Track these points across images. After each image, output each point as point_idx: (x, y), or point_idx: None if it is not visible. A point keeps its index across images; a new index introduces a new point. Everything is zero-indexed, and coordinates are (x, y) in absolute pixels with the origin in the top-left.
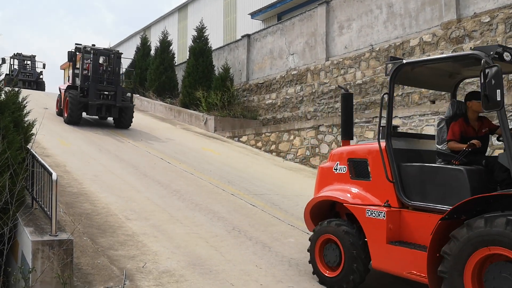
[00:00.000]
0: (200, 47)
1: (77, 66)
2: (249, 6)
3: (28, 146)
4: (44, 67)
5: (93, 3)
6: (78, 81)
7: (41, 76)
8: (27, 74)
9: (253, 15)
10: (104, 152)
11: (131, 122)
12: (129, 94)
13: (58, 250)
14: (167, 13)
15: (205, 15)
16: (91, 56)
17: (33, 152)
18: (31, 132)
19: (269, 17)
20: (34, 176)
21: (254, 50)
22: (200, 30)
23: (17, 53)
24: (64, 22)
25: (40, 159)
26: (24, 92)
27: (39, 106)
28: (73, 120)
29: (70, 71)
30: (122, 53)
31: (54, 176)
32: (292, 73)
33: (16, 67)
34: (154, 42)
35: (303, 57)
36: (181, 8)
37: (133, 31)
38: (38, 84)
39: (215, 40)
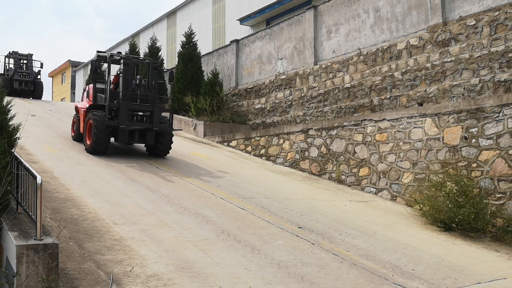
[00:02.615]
0: (189, 52)
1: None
2: (237, 12)
3: (12, 150)
4: (42, 67)
5: (83, 9)
6: (100, 98)
7: (38, 76)
8: (23, 74)
9: (242, 21)
10: (92, 158)
11: (170, 149)
12: (166, 115)
13: (43, 254)
14: (156, 20)
15: (194, 22)
16: (121, 67)
17: (18, 155)
18: (16, 136)
19: (258, 22)
20: (19, 180)
21: (243, 55)
22: (189, 35)
23: (13, 51)
24: (53, 28)
25: (24, 162)
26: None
27: (26, 113)
28: (99, 149)
29: (90, 85)
30: (158, 63)
31: (38, 180)
32: (281, 78)
33: (12, 66)
34: (143, 49)
35: (291, 61)
36: (170, 15)
37: (123, 37)
38: (35, 84)
39: (204, 46)
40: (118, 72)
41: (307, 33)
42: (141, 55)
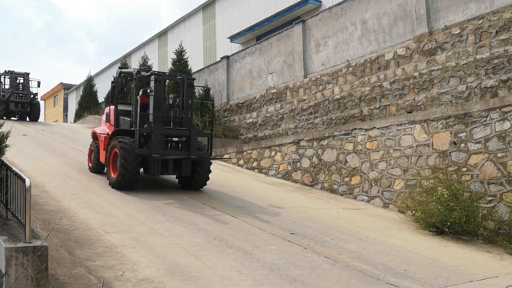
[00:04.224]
0: (180, 69)
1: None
2: (228, 31)
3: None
4: (39, 85)
5: (75, 33)
6: (123, 122)
7: (36, 97)
8: (19, 95)
9: (232, 38)
10: (83, 172)
11: (207, 181)
12: (203, 142)
13: (33, 256)
14: (147, 40)
15: (185, 41)
16: (152, 84)
17: (5, 161)
18: (5, 143)
19: (248, 40)
20: (8, 186)
21: (234, 71)
22: (180, 53)
23: (8, 70)
24: (45, 53)
25: (13, 167)
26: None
27: (18, 132)
28: (128, 182)
29: (111, 107)
30: (195, 79)
31: (27, 183)
32: (272, 92)
33: (7, 86)
34: None
35: (281, 75)
36: (161, 35)
37: (115, 60)
38: (32, 106)
39: (195, 64)
40: (148, 91)
41: (296, 47)
42: None
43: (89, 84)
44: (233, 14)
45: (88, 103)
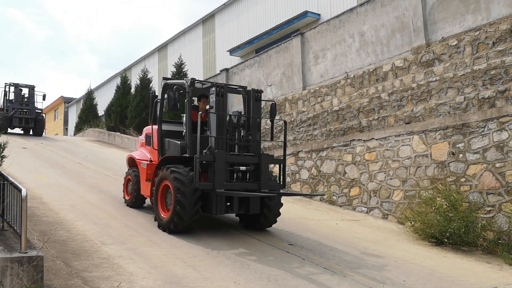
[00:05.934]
0: None
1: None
2: (227, 44)
3: None
4: (44, 99)
5: (77, 47)
6: (169, 145)
7: (41, 113)
8: (24, 111)
9: (232, 51)
10: (82, 185)
11: (277, 217)
12: (275, 171)
13: (28, 266)
14: (147, 54)
15: (185, 54)
16: (212, 98)
17: (1, 171)
18: (2, 154)
19: (247, 53)
20: (4, 195)
21: (233, 84)
22: (179, 66)
23: (12, 83)
24: (47, 67)
25: (9, 177)
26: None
27: (18, 145)
28: (185, 224)
29: (154, 127)
30: (262, 91)
31: (23, 192)
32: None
33: (12, 98)
34: (135, 81)
35: (280, 87)
36: (161, 49)
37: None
38: (36, 122)
39: (194, 77)
40: (207, 107)
41: (295, 59)
42: (133, 88)
43: (89, 97)
44: (233, 27)
45: (88, 116)
